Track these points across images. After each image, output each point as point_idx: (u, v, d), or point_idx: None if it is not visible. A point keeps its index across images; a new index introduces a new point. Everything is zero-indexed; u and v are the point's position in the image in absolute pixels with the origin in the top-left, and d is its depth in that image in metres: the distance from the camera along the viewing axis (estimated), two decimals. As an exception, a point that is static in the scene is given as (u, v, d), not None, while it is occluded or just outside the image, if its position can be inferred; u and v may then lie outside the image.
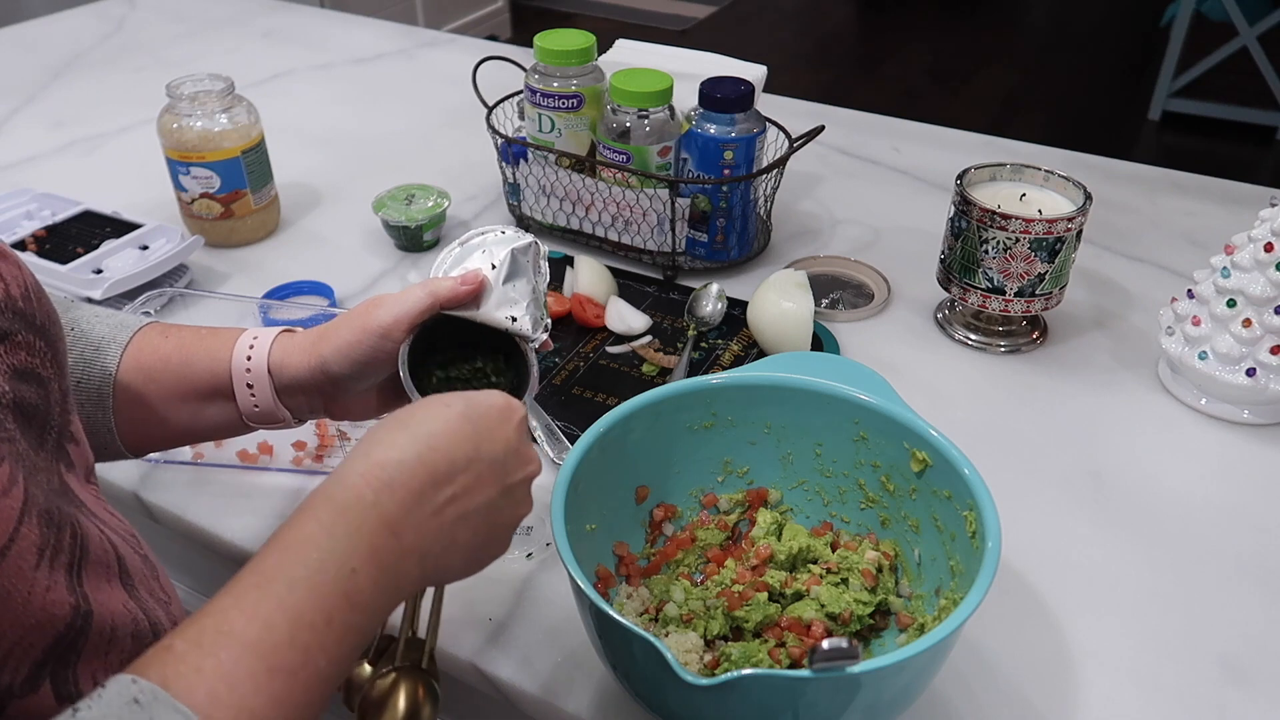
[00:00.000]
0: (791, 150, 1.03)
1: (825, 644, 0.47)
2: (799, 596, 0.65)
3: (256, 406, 0.63)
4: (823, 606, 0.64)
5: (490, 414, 0.53)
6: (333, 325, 0.62)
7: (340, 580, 0.45)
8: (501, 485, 0.53)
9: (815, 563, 0.68)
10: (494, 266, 0.63)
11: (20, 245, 1.01)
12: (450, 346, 0.64)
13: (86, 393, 0.61)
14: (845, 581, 0.66)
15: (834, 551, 0.68)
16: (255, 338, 0.63)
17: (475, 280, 0.62)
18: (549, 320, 0.65)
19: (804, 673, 0.49)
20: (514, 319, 0.63)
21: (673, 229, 1.02)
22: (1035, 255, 0.88)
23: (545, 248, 0.67)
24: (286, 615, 0.43)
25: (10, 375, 0.44)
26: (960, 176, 0.93)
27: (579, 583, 0.54)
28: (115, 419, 0.62)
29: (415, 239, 1.10)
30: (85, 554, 0.44)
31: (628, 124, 1.00)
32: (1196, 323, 0.85)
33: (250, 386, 0.62)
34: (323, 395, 0.64)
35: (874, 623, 0.65)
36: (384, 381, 0.64)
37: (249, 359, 0.62)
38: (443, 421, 0.52)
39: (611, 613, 0.52)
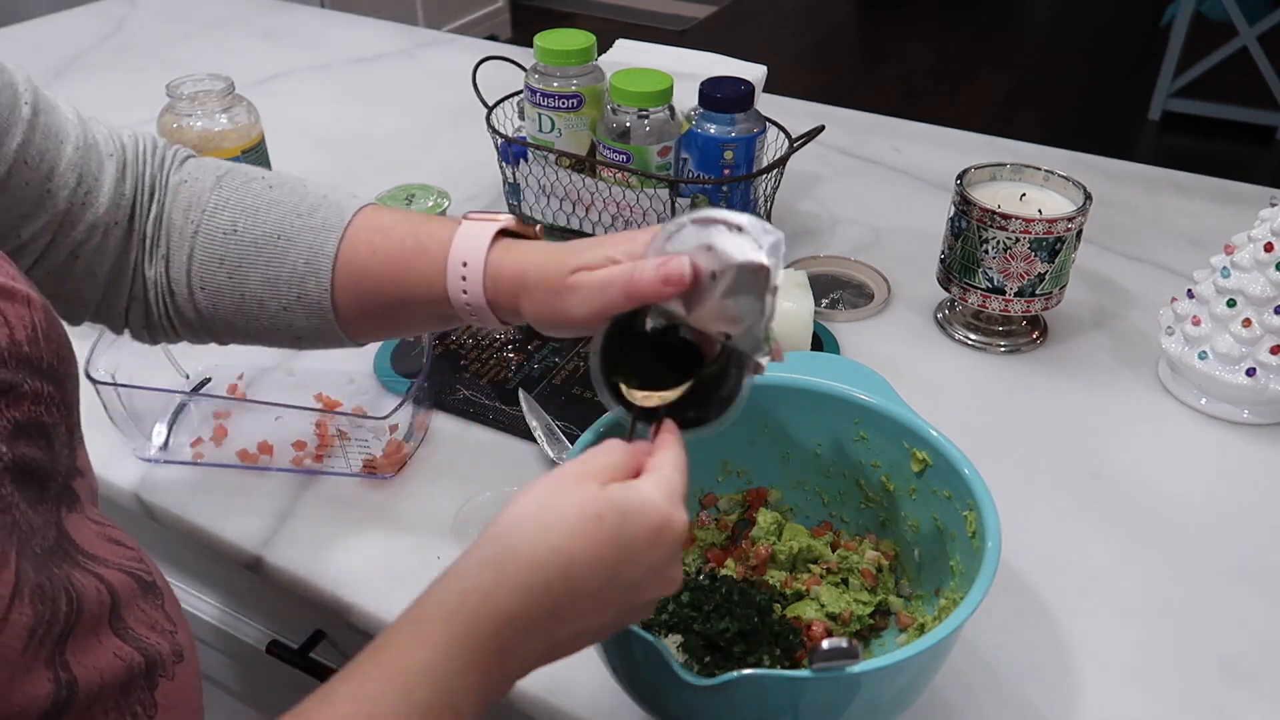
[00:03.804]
0: (791, 150, 1.03)
1: (825, 644, 0.48)
2: (799, 596, 0.65)
3: (477, 322, 0.64)
4: (823, 606, 0.64)
5: (643, 536, 0.48)
6: (532, 285, 0.59)
7: (446, 717, 0.46)
8: (628, 605, 0.50)
9: (815, 563, 0.68)
10: (714, 276, 0.51)
11: (20, 245, 1.01)
12: (653, 338, 0.55)
13: (308, 306, 0.64)
14: (845, 581, 0.66)
15: (834, 551, 0.68)
16: (465, 265, 0.61)
17: (681, 284, 0.52)
18: (773, 344, 0.52)
19: (804, 673, 0.49)
20: (729, 336, 0.52)
21: (673, 229, 1.02)
22: (1035, 255, 0.89)
23: (784, 249, 0.51)
24: None
25: (11, 434, 0.42)
26: (960, 176, 0.93)
27: (579, 583, 0.54)
28: (338, 319, 0.65)
29: (415, 239, 1.10)
30: (80, 616, 0.43)
31: (628, 124, 1.00)
32: (1196, 323, 0.85)
33: (471, 314, 0.63)
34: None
35: (874, 623, 0.65)
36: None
37: (465, 293, 0.61)
38: (585, 541, 0.47)
39: (611, 613, 0.52)
